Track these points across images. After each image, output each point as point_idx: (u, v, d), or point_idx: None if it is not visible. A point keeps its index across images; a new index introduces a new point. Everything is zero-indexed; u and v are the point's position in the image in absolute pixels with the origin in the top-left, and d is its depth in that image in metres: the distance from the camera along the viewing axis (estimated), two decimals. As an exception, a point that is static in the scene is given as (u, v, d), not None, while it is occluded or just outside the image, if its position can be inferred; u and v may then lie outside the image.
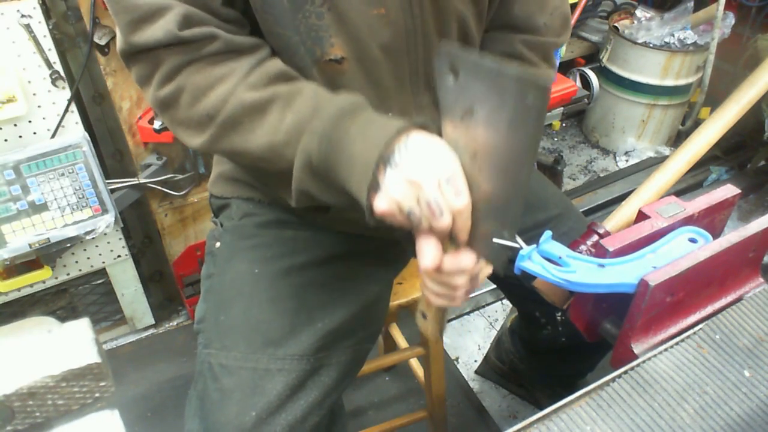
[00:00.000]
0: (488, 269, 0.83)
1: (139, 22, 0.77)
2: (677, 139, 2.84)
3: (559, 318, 1.28)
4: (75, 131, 1.57)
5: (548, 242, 0.87)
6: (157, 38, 0.76)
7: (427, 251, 0.73)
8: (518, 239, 0.80)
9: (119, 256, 1.81)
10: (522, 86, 0.60)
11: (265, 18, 0.82)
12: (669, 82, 2.56)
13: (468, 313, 2.12)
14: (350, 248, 1.05)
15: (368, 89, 0.88)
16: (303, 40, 0.83)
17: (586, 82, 2.59)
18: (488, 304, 2.15)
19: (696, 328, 0.84)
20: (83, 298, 1.88)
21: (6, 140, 1.51)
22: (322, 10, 0.81)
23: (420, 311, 0.87)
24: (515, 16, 0.98)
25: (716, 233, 0.93)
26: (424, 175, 0.68)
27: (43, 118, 1.52)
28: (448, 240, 0.74)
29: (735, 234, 0.84)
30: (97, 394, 0.56)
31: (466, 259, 0.74)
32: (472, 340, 2.04)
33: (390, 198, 0.69)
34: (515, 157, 0.65)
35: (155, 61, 0.79)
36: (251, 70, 0.80)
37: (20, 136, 1.52)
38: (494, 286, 1.99)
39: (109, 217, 1.61)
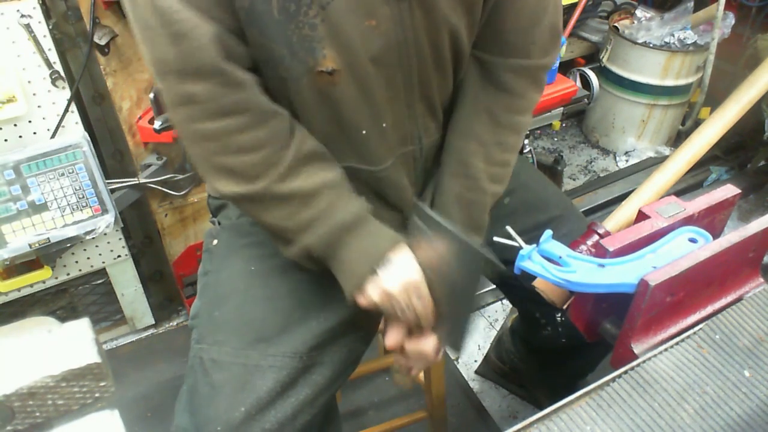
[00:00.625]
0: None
1: (177, 36, 0.78)
2: (677, 139, 2.84)
3: (559, 319, 1.28)
4: (75, 131, 1.57)
5: (548, 242, 0.87)
6: (200, 59, 0.79)
7: (392, 334, 0.95)
8: (518, 239, 0.81)
9: (119, 256, 1.81)
10: (474, 254, 0.88)
11: (251, 30, 0.82)
12: (669, 82, 2.56)
13: (468, 313, 2.12)
14: None
15: (360, 101, 0.89)
16: (294, 51, 0.83)
17: (586, 82, 2.59)
18: (488, 304, 2.15)
19: (696, 328, 0.84)
20: (83, 298, 1.88)
21: (6, 140, 1.51)
22: (316, 21, 0.80)
23: (394, 369, 1.08)
24: (506, 33, 0.96)
25: (716, 233, 0.93)
26: (399, 288, 0.88)
27: (43, 118, 1.52)
28: (414, 326, 0.96)
29: (735, 234, 0.84)
30: (97, 394, 0.56)
31: (426, 345, 0.96)
32: (472, 340, 2.04)
33: (369, 299, 0.89)
34: (464, 281, 0.92)
35: (190, 95, 0.81)
36: (281, 152, 0.86)
37: (20, 136, 1.52)
38: (494, 286, 1.99)
39: (109, 217, 1.61)
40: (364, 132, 0.92)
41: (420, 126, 0.97)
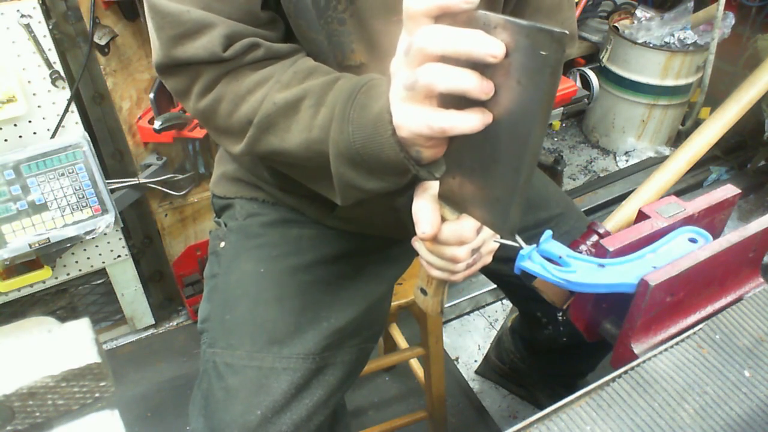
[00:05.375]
0: (492, 244, 0.81)
1: (183, 37, 0.76)
2: (677, 139, 2.84)
3: (560, 317, 1.28)
4: (75, 131, 1.57)
5: (548, 242, 0.87)
6: (199, 56, 0.76)
7: (424, 216, 0.68)
8: (518, 239, 0.80)
9: (119, 256, 1.81)
10: (534, 39, 0.51)
11: (298, 23, 0.82)
12: (669, 82, 2.56)
13: (468, 313, 2.13)
14: (356, 247, 1.06)
15: None
16: (328, 45, 0.83)
17: (586, 82, 2.59)
18: (488, 304, 2.15)
19: (696, 328, 0.84)
20: (83, 298, 1.88)
21: (6, 140, 1.51)
22: (344, 16, 0.81)
23: (418, 287, 0.82)
24: (531, 12, 0.99)
25: (716, 233, 0.93)
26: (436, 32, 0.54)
27: (43, 118, 1.52)
28: (446, 206, 0.69)
29: (735, 234, 0.84)
30: (97, 394, 0.56)
31: (465, 227, 0.71)
32: (472, 340, 2.04)
33: (402, 102, 0.60)
34: (524, 118, 0.55)
35: (194, 74, 0.79)
36: (286, 71, 0.79)
37: (20, 136, 1.52)
38: (494, 286, 1.99)
39: (109, 217, 1.61)
40: None
41: None
